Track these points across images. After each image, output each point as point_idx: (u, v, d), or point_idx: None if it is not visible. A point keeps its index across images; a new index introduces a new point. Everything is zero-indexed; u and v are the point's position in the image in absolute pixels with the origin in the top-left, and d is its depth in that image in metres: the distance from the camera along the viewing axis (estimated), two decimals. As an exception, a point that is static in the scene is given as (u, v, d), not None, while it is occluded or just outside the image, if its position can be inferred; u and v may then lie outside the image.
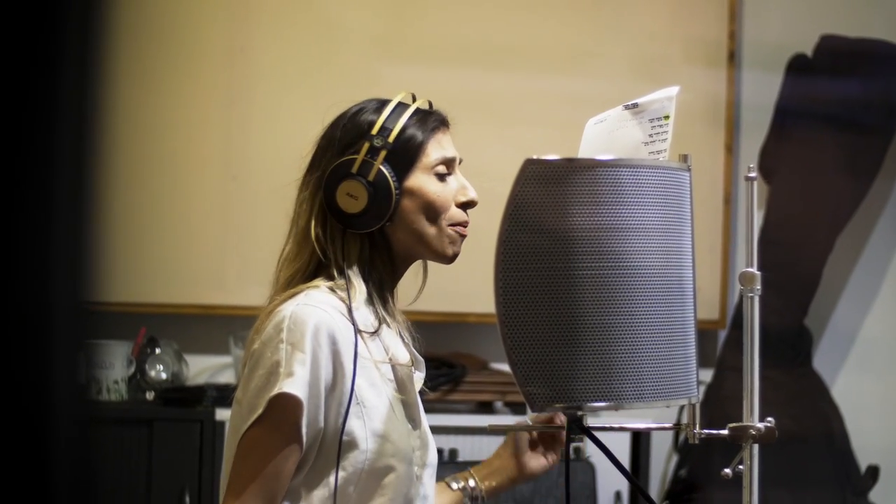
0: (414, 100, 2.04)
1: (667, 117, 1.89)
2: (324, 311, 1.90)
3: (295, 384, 1.86)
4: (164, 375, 3.82)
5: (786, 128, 4.13)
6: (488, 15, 4.09)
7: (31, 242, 0.85)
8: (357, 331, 1.91)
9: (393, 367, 1.99)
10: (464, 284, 3.66)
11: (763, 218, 4.08)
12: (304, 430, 1.89)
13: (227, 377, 4.01)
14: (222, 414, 3.62)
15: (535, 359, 1.70)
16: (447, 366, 3.79)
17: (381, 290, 2.00)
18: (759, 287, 1.87)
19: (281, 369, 1.87)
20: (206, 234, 4.00)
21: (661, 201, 1.75)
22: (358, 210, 1.95)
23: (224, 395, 3.73)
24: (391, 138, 1.97)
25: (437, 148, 2.01)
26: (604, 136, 1.97)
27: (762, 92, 4.17)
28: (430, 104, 2.06)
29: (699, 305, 1.83)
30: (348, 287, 1.94)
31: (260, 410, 1.87)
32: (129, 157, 3.85)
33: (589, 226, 1.70)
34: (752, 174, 1.89)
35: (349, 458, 1.92)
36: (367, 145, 1.97)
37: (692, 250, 1.81)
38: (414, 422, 2.01)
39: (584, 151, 1.99)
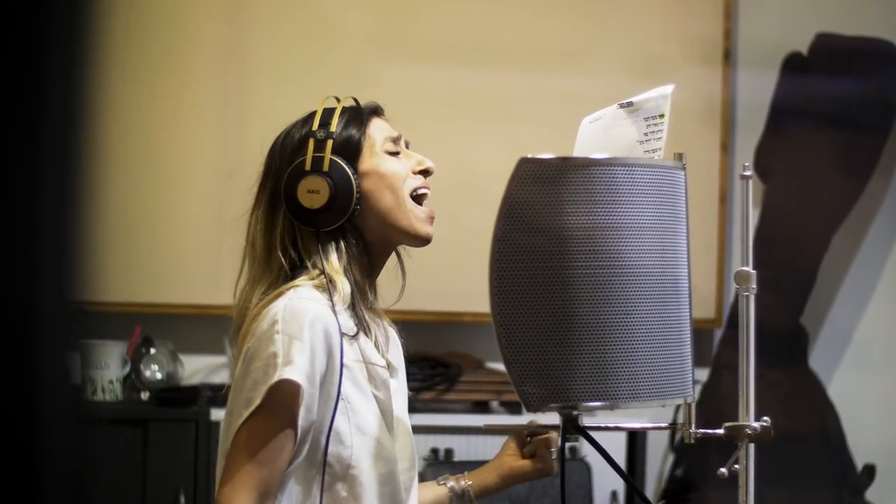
0: (338, 100, 2.06)
1: (662, 116, 1.89)
2: (318, 304, 1.90)
3: (295, 371, 1.84)
4: (158, 375, 3.81)
5: (781, 126, 4.13)
6: (484, 14, 4.09)
7: (23, 242, 0.85)
8: (340, 331, 1.91)
9: (369, 370, 1.98)
10: (459, 284, 3.66)
11: (759, 216, 4.08)
12: (300, 419, 1.86)
13: (222, 377, 4.00)
14: (217, 414, 3.62)
15: (531, 358, 1.70)
16: (443, 365, 3.78)
17: (362, 289, 2.00)
18: (754, 286, 1.86)
19: (279, 359, 1.84)
20: (202, 233, 3.99)
21: (657, 200, 1.75)
22: (322, 203, 1.95)
23: (219, 395, 3.73)
24: (332, 128, 1.99)
25: (378, 130, 2.04)
26: (599, 134, 1.97)
27: (758, 90, 4.16)
28: (356, 100, 2.07)
29: (695, 304, 1.82)
30: (330, 289, 1.93)
31: (258, 401, 1.84)
32: (123, 155, 3.84)
33: (584, 225, 1.70)
34: (748, 173, 1.89)
35: (334, 454, 1.90)
36: (311, 141, 1.99)
37: (687, 249, 1.81)
38: (393, 430, 2.00)
39: (579, 150, 1.99)
